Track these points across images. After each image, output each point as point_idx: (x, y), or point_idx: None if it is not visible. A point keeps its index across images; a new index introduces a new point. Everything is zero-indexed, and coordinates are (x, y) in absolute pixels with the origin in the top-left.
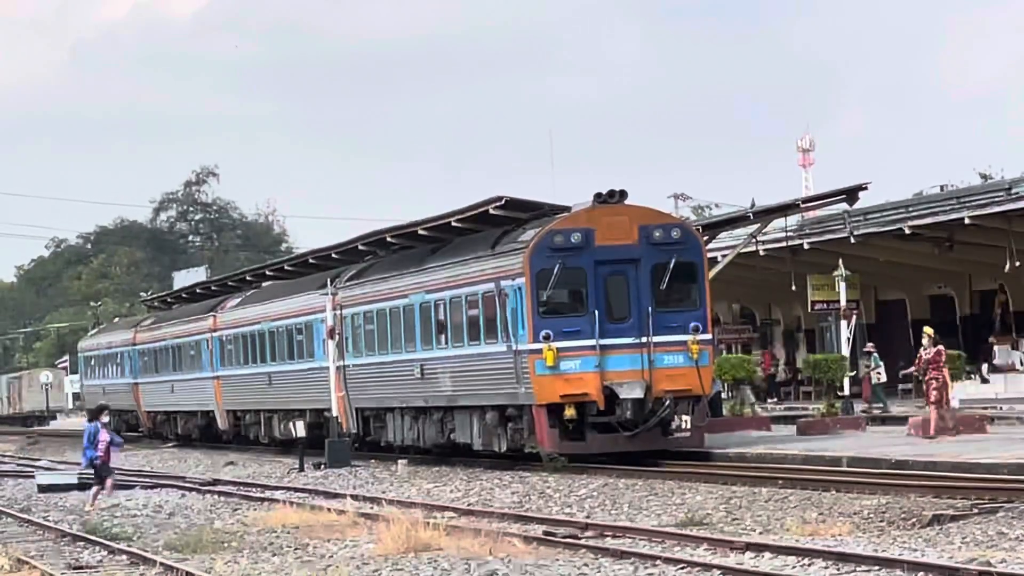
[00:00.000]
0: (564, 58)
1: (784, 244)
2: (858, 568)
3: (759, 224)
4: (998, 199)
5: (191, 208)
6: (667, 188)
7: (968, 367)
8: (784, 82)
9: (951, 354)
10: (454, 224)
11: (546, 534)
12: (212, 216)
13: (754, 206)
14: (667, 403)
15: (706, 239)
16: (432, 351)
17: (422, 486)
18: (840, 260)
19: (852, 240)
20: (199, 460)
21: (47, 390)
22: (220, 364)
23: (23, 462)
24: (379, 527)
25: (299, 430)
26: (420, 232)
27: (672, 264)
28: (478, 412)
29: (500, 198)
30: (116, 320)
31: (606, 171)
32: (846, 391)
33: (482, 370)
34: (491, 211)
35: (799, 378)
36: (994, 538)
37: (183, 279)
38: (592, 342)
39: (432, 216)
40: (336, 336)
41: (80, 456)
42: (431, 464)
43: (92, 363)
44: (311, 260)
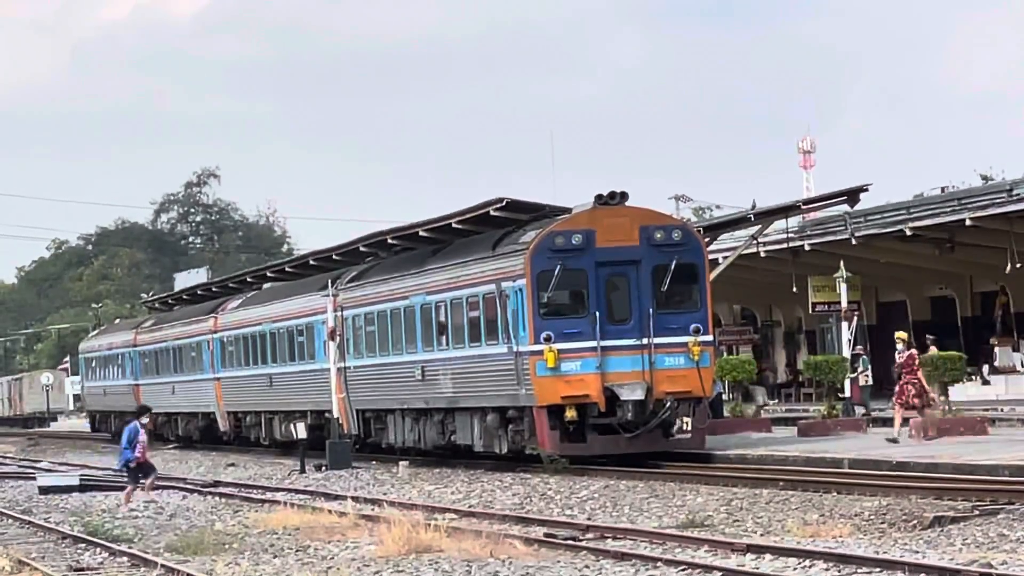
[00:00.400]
0: (565, 59)
1: (785, 245)
2: (859, 570)
3: (760, 225)
4: (999, 200)
5: (192, 209)
6: (668, 189)
7: (969, 369)
8: (785, 83)
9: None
10: (455, 225)
11: (547, 536)
12: (213, 217)
13: (755, 208)
14: (668, 405)
15: (707, 240)
16: (433, 352)
17: (423, 488)
18: (841, 261)
19: (853, 241)
20: (200, 461)
21: (48, 392)
22: (221, 365)
23: (24, 464)
24: (380, 529)
25: (300, 431)
26: (421, 233)
27: (673, 265)
28: (479, 414)
29: (501, 199)
30: (117, 321)
31: (607, 172)
32: (847, 393)
33: (483, 371)
34: (492, 212)
35: (800, 380)
36: (995, 540)
37: (184, 280)
38: (593, 343)
39: (433, 217)
40: (337, 337)
41: (115, 458)
42: (432, 466)
43: (93, 364)
44: (312, 261)
